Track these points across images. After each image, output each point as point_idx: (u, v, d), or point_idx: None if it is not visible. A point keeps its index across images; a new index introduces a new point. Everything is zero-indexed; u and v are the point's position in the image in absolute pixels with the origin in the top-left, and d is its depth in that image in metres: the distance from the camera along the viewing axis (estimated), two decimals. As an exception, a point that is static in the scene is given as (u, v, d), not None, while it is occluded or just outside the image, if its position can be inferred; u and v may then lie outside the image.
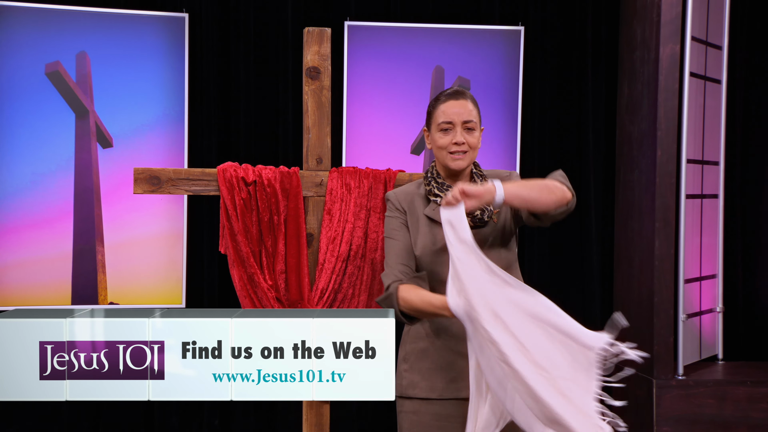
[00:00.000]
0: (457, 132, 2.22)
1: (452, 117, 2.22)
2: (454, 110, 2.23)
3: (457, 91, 2.27)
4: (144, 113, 4.03)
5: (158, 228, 4.02)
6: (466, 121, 2.23)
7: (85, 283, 3.95)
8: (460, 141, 2.22)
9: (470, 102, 2.27)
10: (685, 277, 4.14)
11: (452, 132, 2.23)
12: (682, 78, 4.07)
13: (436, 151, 2.27)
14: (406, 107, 4.22)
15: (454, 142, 2.22)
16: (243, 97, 4.20)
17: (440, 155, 2.26)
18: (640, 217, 4.20)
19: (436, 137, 2.26)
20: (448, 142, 2.23)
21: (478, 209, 2.20)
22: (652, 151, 4.08)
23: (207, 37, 4.15)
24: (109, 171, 3.99)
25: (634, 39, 4.30)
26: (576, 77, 4.52)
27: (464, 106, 2.24)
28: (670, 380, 4.01)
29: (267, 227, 2.71)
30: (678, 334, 4.10)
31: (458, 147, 2.23)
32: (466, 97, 2.27)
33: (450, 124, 2.23)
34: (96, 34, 3.98)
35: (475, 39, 4.28)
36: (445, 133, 2.24)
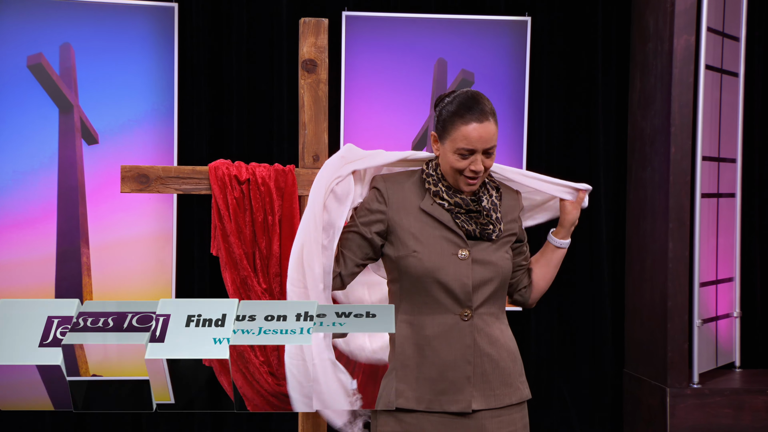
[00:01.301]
0: (478, 159, 2.12)
1: (475, 144, 2.10)
2: (478, 136, 2.10)
3: (482, 111, 2.12)
4: (131, 108, 4.03)
5: (146, 229, 4.02)
6: (488, 148, 2.12)
7: (69, 287, 3.94)
8: (479, 170, 2.12)
9: (494, 124, 2.13)
10: (700, 280, 4.14)
11: (470, 157, 2.12)
12: (697, 71, 4.07)
13: (447, 169, 2.17)
14: (407, 102, 4.23)
15: (473, 170, 2.12)
16: (236, 92, 4.20)
17: (451, 174, 2.17)
18: (652, 217, 4.20)
19: (451, 158, 2.14)
20: (464, 166, 2.13)
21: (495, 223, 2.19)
22: (666, 147, 4.08)
23: (197, 28, 4.15)
24: (94, 169, 3.99)
25: (647, 30, 4.30)
26: (585, 70, 4.52)
27: (488, 130, 2.11)
28: (685, 389, 4.01)
29: (261, 228, 2.71)
30: (693, 340, 4.10)
31: (475, 174, 2.13)
32: (490, 118, 2.12)
33: (471, 152, 2.12)
34: (80, 24, 3.98)
35: (480, 30, 4.28)
36: (463, 158, 2.13)
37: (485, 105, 2.14)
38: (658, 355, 4.12)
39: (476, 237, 2.17)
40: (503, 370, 2.17)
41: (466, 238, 2.16)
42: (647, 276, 4.25)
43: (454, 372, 2.13)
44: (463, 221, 2.17)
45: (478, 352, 2.14)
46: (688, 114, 4.05)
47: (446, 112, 2.17)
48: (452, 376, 2.13)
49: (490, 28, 4.29)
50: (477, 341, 2.14)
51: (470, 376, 2.13)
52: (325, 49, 2.76)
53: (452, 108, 2.16)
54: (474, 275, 2.14)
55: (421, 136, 4.25)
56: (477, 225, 2.16)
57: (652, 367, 4.18)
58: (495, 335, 2.17)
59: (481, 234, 2.17)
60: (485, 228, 2.17)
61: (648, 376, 4.21)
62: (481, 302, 2.16)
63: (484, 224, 2.17)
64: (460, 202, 2.17)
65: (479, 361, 2.14)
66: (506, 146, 4.29)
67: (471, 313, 2.14)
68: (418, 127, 4.24)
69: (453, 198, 2.18)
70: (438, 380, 2.14)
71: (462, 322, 2.14)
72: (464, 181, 2.16)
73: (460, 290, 2.14)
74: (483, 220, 2.18)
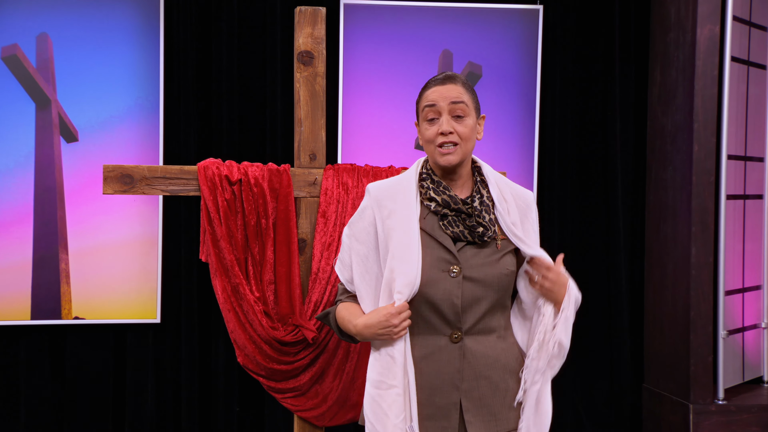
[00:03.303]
0: (443, 120, 2.16)
1: (436, 100, 2.16)
2: (438, 93, 2.17)
3: (447, 76, 2.21)
4: (114, 103, 4.04)
5: (130, 233, 4.03)
6: (454, 102, 2.16)
7: (46, 296, 3.95)
8: (446, 130, 2.15)
9: (459, 86, 2.17)
10: (725, 288, 4.15)
11: (438, 121, 2.17)
12: (722, 63, 4.08)
13: (425, 146, 2.21)
14: (410, 97, 4.23)
15: (440, 132, 2.16)
16: (226, 86, 4.21)
17: (429, 150, 2.20)
18: (674, 220, 4.21)
19: (422, 129, 2.20)
20: (434, 133, 2.17)
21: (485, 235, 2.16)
22: (688, 145, 4.09)
23: (185, 18, 4.16)
24: (74, 168, 4.00)
25: (668, 19, 4.31)
26: (601, 63, 4.53)
27: (450, 88, 2.16)
28: (709, 405, 4.01)
29: (254, 232, 2.71)
30: (718, 352, 4.11)
31: (445, 137, 2.16)
32: (455, 81, 2.18)
33: (433, 108, 2.17)
34: (59, 13, 3.99)
35: (488, 19, 4.29)
36: (431, 123, 2.18)
37: (452, 74, 2.21)
38: (680, 369, 4.12)
39: (465, 239, 2.15)
40: (505, 392, 2.16)
41: (454, 241, 2.15)
42: (668, 284, 4.26)
43: (441, 397, 2.13)
44: (449, 222, 2.16)
45: (472, 376, 2.13)
46: (712, 109, 4.05)
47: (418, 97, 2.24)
48: (439, 401, 2.13)
49: (499, 18, 4.30)
50: (470, 364, 2.13)
51: (457, 402, 2.12)
52: (323, 40, 2.78)
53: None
54: (464, 294, 2.13)
55: (425, 134, 4.26)
56: (465, 226, 2.16)
57: (673, 382, 4.18)
58: (493, 356, 2.16)
59: (471, 236, 2.16)
60: (474, 229, 2.16)
61: (669, 391, 4.22)
62: (475, 322, 2.14)
63: (473, 226, 2.16)
64: (449, 201, 2.17)
65: (474, 384, 2.13)
66: (516, 145, 4.30)
67: (461, 335, 2.13)
68: (422, 124, 4.25)
69: (440, 196, 2.18)
70: (425, 405, 2.14)
71: (452, 344, 2.14)
72: (438, 152, 2.17)
73: (449, 310, 2.13)
74: (471, 222, 2.16)
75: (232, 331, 2.68)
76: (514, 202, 2.24)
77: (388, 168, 2.83)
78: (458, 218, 2.16)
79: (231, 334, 2.68)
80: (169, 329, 4.14)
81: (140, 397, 4.11)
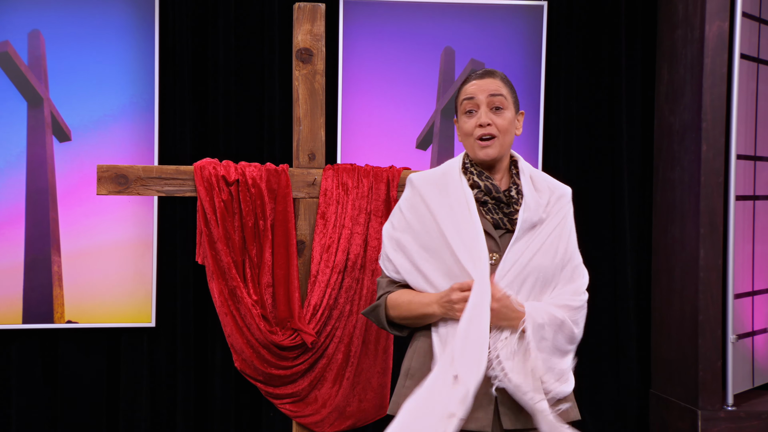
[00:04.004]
0: (482, 113, 2.22)
1: (475, 93, 2.23)
2: (477, 86, 2.24)
3: (486, 71, 2.28)
4: (107, 102, 4.04)
5: (124, 235, 4.03)
6: (493, 95, 2.23)
7: (38, 299, 3.95)
8: (484, 121, 2.22)
9: (500, 79, 2.27)
10: (735, 291, 4.15)
11: (476, 113, 2.24)
12: (731, 60, 4.08)
13: (464, 140, 2.28)
14: (412, 95, 4.24)
15: (479, 124, 2.22)
16: (222, 83, 4.21)
17: (468, 144, 2.27)
18: (682, 222, 4.21)
19: (461, 122, 2.27)
20: (473, 126, 2.23)
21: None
22: (697, 145, 4.09)
23: (181, 14, 4.17)
24: (66, 168, 4.00)
25: (675, 15, 4.31)
26: (607, 60, 4.53)
27: (489, 82, 2.24)
28: (718, 411, 4.01)
29: (251, 234, 2.72)
30: (727, 357, 4.11)
31: (483, 129, 2.22)
32: (494, 75, 2.26)
33: (472, 101, 2.24)
34: (51, 9, 3.99)
35: (491, 16, 4.30)
36: (470, 116, 2.25)
37: (492, 69, 2.29)
38: (688, 375, 4.12)
39: (504, 227, 2.21)
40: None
41: (495, 228, 2.21)
42: (676, 287, 4.26)
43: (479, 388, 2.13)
44: (489, 209, 2.22)
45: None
46: (720, 108, 4.06)
47: (456, 92, 2.30)
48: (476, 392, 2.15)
49: (502, 14, 4.31)
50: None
51: (492, 394, 2.13)
52: (322, 37, 2.78)
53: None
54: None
55: (427, 133, 4.26)
56: (503, 214, 2.21)
57: (681, 388, 4.19)
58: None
59: (510, 224, 2.21)
60: (511, 216, 2.22)
61: (677, 397, 4.22)
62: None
63: (510, 213, 2.22)
64: (491, 188, 2.23)
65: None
66: (520, 144, 4.30)
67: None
68: (423, 123, 4.26)
69: (483, 182, 2.24)
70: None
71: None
72: (477, 145, 2.23)
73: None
74: (509, 210, 2.22)
75: (229, 336, 2.68)
76: (548, 195, 2.28)
77: (389, 168, 2.84)
78: (497, 206, 2.23)
79: (228, 339, 2.69)
80: (164, 333, 4.14)
81: (135, 403, 4.11)
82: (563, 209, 2.30)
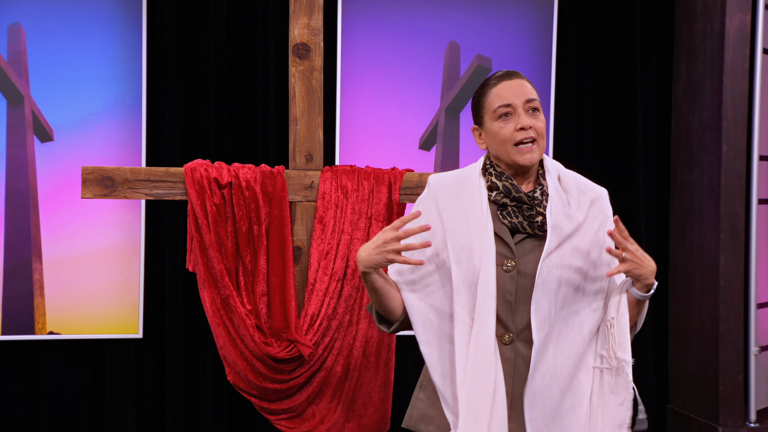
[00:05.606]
0: (521, 115, 2.20)
1: (511, 98, 2.21)
2: (510, 89, 2.22)
3: (507, 72, 2.28)
4: (92, 100, 4.04)
5: (110, 240, 4.03)
6: (529, 100, 2.21)
7: (18, 308, 3.95)
8: (526, 125, 2.19)
9: (527, 82, 2.26)
10: (757, 300, 4.15)
11: (513, 117, 2.21)
12: (753, 55, 4.08)
13: (497, 147, 2.23)
14: (414, 92, 4.24)
15: (520, 128, 2.19)
16: (214, 81, 4.22)
17: (504, 151, 2.22)
18: (701, 226, 4.21)
19: (496, 128, 2.22)
20: (511, 130, 2.20)
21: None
22: (716, 145, 4.09)
23: (170, 7, 4.17)
24: (49, 170, 4.01)
25: (694, 8, 4.32)
26: (622, 56, 4.54)
27: (520, 84, 2.23)
28: (740, 428, 4.01)
29: (245, 239, 2.72)
30: (749, 371, 4.11)
31: (526, 133, 2.19)
32: (519, 75, 2.26)
33: (509, 107, 2.21)
34: (32, 2, 4.00)
35: (498, 9, 4.31)
36: (506, 120, 2.21)
37: (514, 71, 2.28)
38: (708, 389, 4.12)
39: (525, 231, 2.18)
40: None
41: (512, 233, 2.19)
42: (695, 296, 4.26)
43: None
44: (508, 213, 2.20)
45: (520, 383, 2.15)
46: (742, 106, 4.06)
47: (476, 95, 2.28)
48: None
49: (510, 7, 4.31)
50: (519, 371, 2.15)
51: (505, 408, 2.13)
52: (320, 31, 2.79)
53: (480, 87, 2.28)
54: (518, 290, 2.16)
55: (430, 133, 4.27)
56: (524, 217, 2.19)
57: (701, 403, 4.18)
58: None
59: (530, 227, 2.18)
60: (532, 219, 2.19)
61: (696, 413, 4.22)
62: (527, 323, 2.15)
63: (531, 215, 2.19)
64: (510, 188, 2.21)
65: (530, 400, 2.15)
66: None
67: (513, 337, 2.16)
68: (427, 122, 4.26)
69: (502, 182, 2.22)
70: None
71: (503, 345, 2.16)
72: (517, 152, 2.20)
73: (501, 308, 2.15)
74: (530, 212, 2.19)
75: (222, 347, 2.68)
76: (578, 196, 2.24)
77: (391, 170, 2.84)
78: (518, 209, 2.20)
79: (220, 351, 2.69)
80: (152, 345, 4.14)
81: (120, 419, 4.10)
82: (601, 213, 2.25)
